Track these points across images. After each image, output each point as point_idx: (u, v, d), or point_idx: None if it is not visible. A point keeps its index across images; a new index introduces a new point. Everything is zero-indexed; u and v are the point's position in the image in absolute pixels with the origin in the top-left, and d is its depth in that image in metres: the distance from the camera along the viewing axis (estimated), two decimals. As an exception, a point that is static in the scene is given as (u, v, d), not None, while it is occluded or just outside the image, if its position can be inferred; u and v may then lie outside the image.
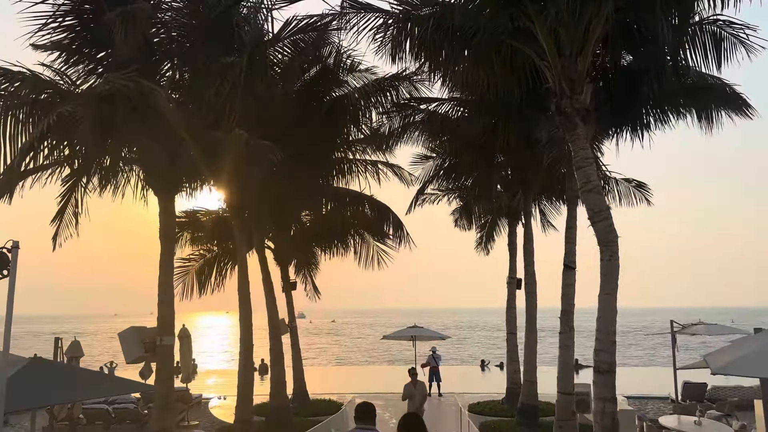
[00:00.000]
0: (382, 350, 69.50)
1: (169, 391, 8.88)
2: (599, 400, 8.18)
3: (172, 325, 9.17)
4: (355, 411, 6.26)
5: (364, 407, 6.18)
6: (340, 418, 14.14)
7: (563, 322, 12.01)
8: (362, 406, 6.19)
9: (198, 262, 18.67)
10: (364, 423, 6.09)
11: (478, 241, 22.13)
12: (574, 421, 11.61)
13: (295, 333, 19.58)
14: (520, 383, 18.64)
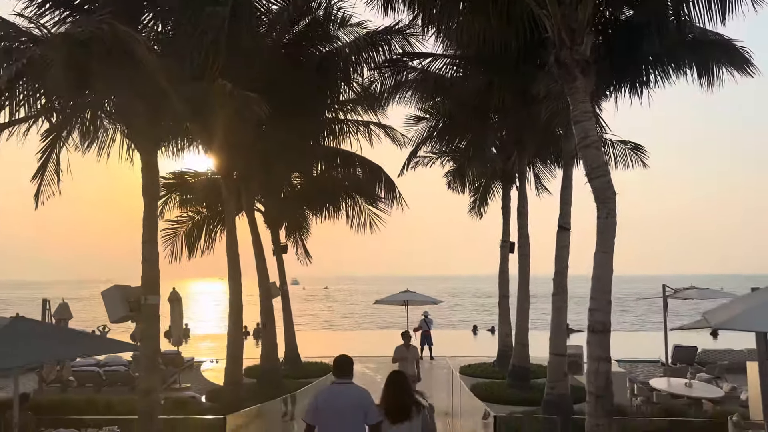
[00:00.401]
0: (374, 315, 69.95)
1: (155, 351, 8.69)
2: (593, 360, 8.04)
3: (157, 284, 8.93)
4: (333, 364, 6.09)
5: (340, 360, 6.02)
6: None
7: (556, 283, 11.86)
8: (339, 360, 6.03)
9: (186, 224, 18.38)
10: (340, 377, 5.96)
11: (472, 205, 21.91)
12: (566, 382, 11.56)
13: (286, 297, 19.45)
14: (511, 346, 18.65)
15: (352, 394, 5.85)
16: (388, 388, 6.00)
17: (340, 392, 5.90)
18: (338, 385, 5.95)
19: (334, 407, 5.79)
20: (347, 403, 5.79)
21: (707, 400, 14.27)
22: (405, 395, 5.90)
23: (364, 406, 5.76)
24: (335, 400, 5.86)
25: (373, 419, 5.73)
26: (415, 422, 5.77)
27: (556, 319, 11.68)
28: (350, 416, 5.73)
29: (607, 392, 7.90)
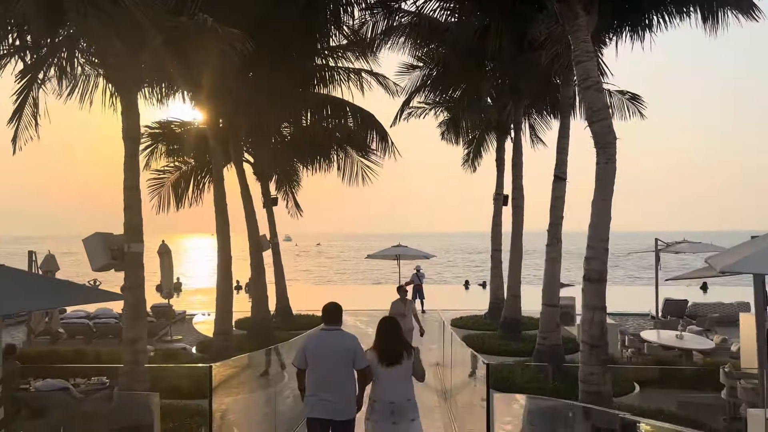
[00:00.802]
0: (366, 271, 70.35)
1: (140, 300, 8.45)
2: (588, 309, 7.89)
3: (140, 231, 8.62)
4: (321, 311, 6.17)
5: (329, 307, 6.14)
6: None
7: (551, 234, 11.64)
8: (327, 307, 6.15)
9: (174, 175, 17.95)
10: (329, 324, 6.07)
11: (465, 158, 21.54)
12: (558, 333, 11.48)
13: (277, 250, 19.23)
14: (503, 299, 18.64)
15: (340, 340, 5.95)
16: (380, 334, 6.11)
17: (328, 338, 6.00)
18: (327, 332, 6.05)
19: (322, 352, 5.90)
20: (336, 348, 5.89)
21: (698, 352, 14.33)
22: (396, 340, 6.02)
23: (352, 351, 5.87)
24: (324, 345, 5.96)
25: (360, 364, 5.86)
26: (406, 365, 5.90)
27: (550, 270, 11.50)
28: (339, 361, 5.84)
29: (601, 342, 7.78)
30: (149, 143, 18.00)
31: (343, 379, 5.87)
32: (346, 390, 5.88)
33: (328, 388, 5.82)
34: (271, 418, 9.78)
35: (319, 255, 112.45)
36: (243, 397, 10.23)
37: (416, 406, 6.04)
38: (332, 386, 5.83)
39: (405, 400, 5.87)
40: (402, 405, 5.83)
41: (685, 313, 21.85)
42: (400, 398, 5.84)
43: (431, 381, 14.07)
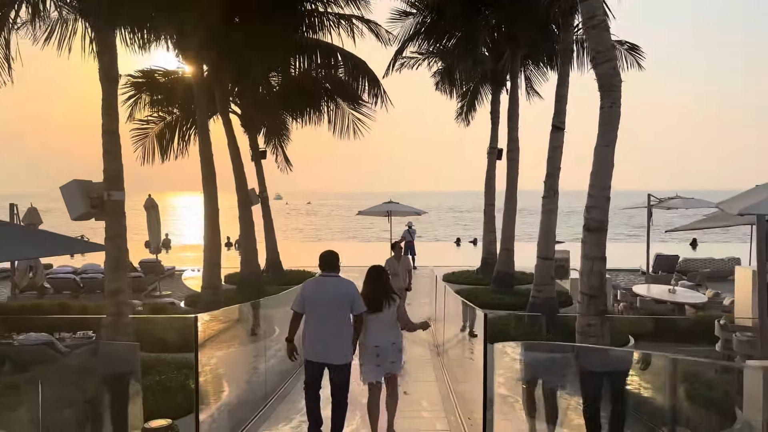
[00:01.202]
0: (358, 229, 70.22)
1: (122, 250, 8.10)
2: (587, 259, 7.63)
3: (121, 178, 8.20)
4: (319, 259, 6.29)
5: (326, 255, 6.29)
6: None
7: (547, 186, 11.32)
8: (325, 254, 6.30)
9: (158, 125, 17.36)
10: (327, 271, 6.23)
11: (459, 111, 21.04)
12: (552, 286, 11.28)
13: (266, 203, 18.83)
14: (495, 254, 18.49)
15: (338, 285, 6.11)
16: (366, 282, 6.47)
17: (326, 283, 6.16)
18: (325, 277, 6.20)
19: (320, 297, 6.05)
20: (334, 293, 6.04)
21: (690, 306, 14.29)
22: (379, 289, 6.34)
23: (350, 296, 6.03)
24: (322, 290, 6.10)
25: (358, 309, 6.05)
26: (388, 312, 6.28)
27: (546, 222, 11.21)
28: (336, 306, 5.99)
29: (600, 292, 7.56)
30: (132, 93, 17.38)
31: (340, 323, 6.01)
32: (343, 334, 6.03)
33: (325, 332, 5.98)
34: (261, 372, 9.60)
35: (310, 213, 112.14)
36: (232, 350, 10.02)
37: (401, 349, 6.46)
38: (330, 330, 5.98)
39: (390, 344, 6.29)
40: (387, 348, 6.25)
41: (676, 268, 21.86)
42: (385, 342, 6.25)
43: (423, 335, 13.98)
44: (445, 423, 7.58)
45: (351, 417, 7.76)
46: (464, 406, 8.30)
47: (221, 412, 8.07)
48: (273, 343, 12.07)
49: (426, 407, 8.29)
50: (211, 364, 8.77)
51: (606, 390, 7.31)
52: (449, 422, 7.60)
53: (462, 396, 8.78)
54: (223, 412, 8.08)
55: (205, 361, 9.21)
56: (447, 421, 7.66)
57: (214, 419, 7.78)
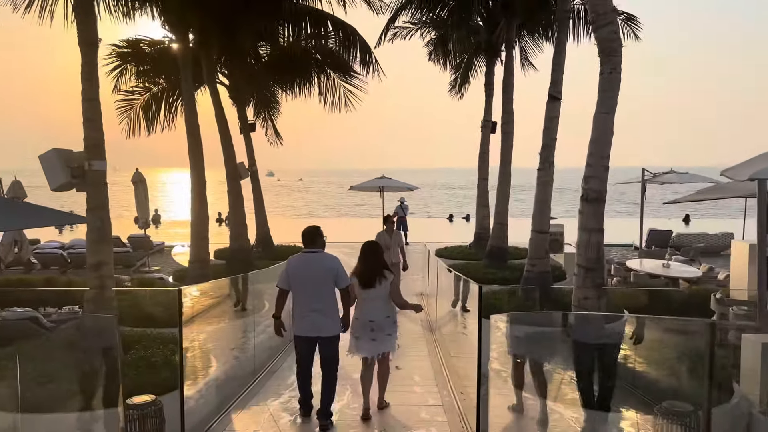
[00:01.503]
0: (350, 205, 69.90)
1: (104, 221, 7.78)
2: (585, 231, 7.40)
3: (102, 147, 7.87)
4: (301, 236, 6.39)
5: (308, 231, 6.40)
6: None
7: (543, 157, 11.05)
8: (306, 230, 6.41)
9: (143, 96, 16.87)
10: (309, 246, 6.32)
11: (452, 84, 20.62)
12: (547, 260, 11.09)
13: (255, 177, 18.47)
14: (488, 229, 18.29)
15: (321, 261, 6.21)
16: (360, 258, 6.61)
17: (310, 259, 6.23)
18: (308, 254, 6.28)
19: (304, 273, 6.14)
20: (317, 268, 6.13)
21: (684, 281, 14.19)
22: (371, 265, 6.47)
23: (333, 271, 6.13)
24: (306, 266, 6.19)
25: (342, 284, 6.17)
26: (381, 287, 6.39)
27: (541, 194, 10.96)
28: (321, 281, 6.09)
29: (598, 265, 7.34)
30: (117, 63, 16.86)
31: (326, 297, 6.11)
32: (330, 308, 6.14)
33: (312, 307, 6.07)
34: (250, 347, 9.41)
35: (302, 190, 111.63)
36: (220, 324, 9.81)
37: (395, 323, 6.58)
38: (316, 305, 6.07)
39: (384, 317, 6.42)
40: (381, 322, 6.39)
41: (669, 243, 21.82)
42: (379, 316, 6.39)
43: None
44: (437, 398, 7.44)
45: (341, 391, 7.60)
46: (457, 382, 8.15)
47: (209, 387, 7.90)
48: (262, 318, 11.86)
49: (418, 382, 8.14)
50: (199, 339, 8.57)
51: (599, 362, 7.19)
52: (441, 397, 7.46)
53: (455, 371, 8.64)
54: (210, 387, 7.90)
55: (191, 335, 9.03)
56: (439, 395, 7.52)
57: (201, 394, 7.60)
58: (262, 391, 8.04)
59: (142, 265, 20.38)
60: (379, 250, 6.73)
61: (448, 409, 7.01)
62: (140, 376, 7.01)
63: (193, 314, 10.14)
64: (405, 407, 7.08)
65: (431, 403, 7.27)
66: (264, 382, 8.50)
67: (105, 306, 7.68)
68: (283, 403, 7.41)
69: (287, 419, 6.75)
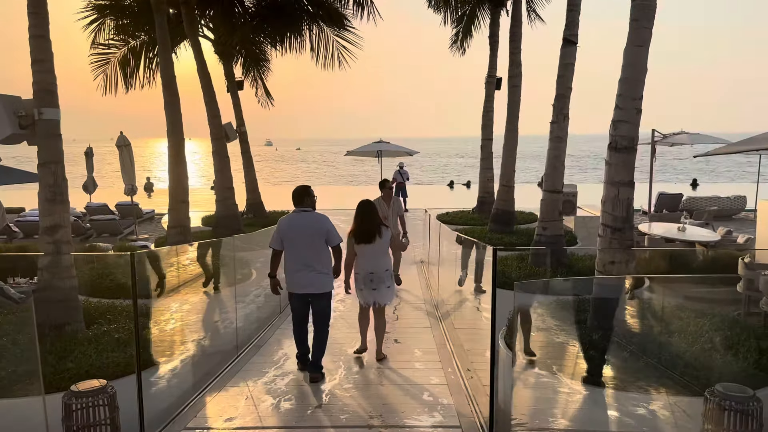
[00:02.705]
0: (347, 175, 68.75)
1: (59, 178, 6.76)
2: (612, 185, 6.41)
3: (54, 92, 6.80)
4: (292, 196, 6.42)
5: (297, 190, 6.42)
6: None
7: (557, 109, 9.96)
8: (296, 190, 6.43)
9: (120, 50, 15.61)
10: (299, 206, 6.36)
11: (454, 39, 19.29)
12: (560, 223, 10.08)
13: (244, 139, 17.35)
14: (493, 192, 17.30)
15: (312, 220, 6.27)
16: (356, 216, 6.79)
17: (300, 218, 6.28)
18: (299, 213, 6.32)
19: (296, 232, 6.21)
20: (308, 227, 6.21)
21: (701, 245, 13.28)
22: (369, 222, 6.70)
23: (324, 229, 6.22)
24: (297, 225, 6.24)
25: (333, 241, 6.26)
26: (380, 242, 6.70)
27: (554, 150, 9.89)
28: (312, 240, 6.18)
29: (626, 224, 6.38)
30: (95, 17, 15.61)
31: (318, 255, 6.21)
32: (321, 266, 6.23)
33: (304, 265, 6.19)
34: (232, 320, 8.47)
35: (300, 159, 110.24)
36: (197, 295, 8.90)
37: (392, 275, 6.97)
38: (308, 263, 6.18)
39: (383, 270, 6.77)
40: (380, 275, 6.75)
41: (679, 207, 20.85)
42: (379, 269, 6.73)
43: (416, 280, 12.92)
44: (441, 375, 6.54)
45: (334, 369, 6.76)
46: (463, 357, 7.25)
47: (185, 365, 6.98)
48: (251, 288, 10.93)
49: (419, 357, 7.24)
50: (172, 311, 7.65)
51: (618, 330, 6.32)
52: (446, 375, 6.56)
53: (459, 345, 7.74)
54: (186, 365, 6.97)
55: (165, 306, 8.11)
56: (443, 373, 6.62)
57: (173, 374, 6.69)
58: (243, 369, 7.15)
59: (130, 233, 19.59)
60: (374, 207, 6.89)
61: (455, 390, 6.11)
62: (101, 355, 6.08)
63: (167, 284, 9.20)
64: (405, 387, 6.19)
65: (435, 382, 6.37)
66: (248, 357, 7.60)
67: (62, 276, 6.71)
68: (266, 383, 6.52)
69: (269, 403, 5.85)
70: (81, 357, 6.01)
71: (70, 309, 6.76)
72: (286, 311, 10.16)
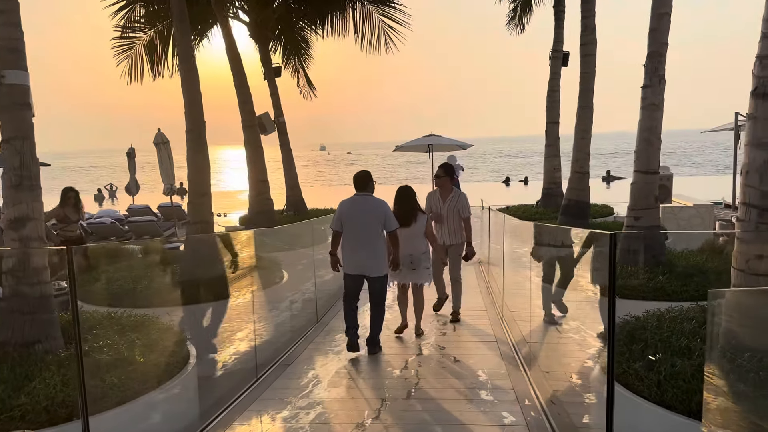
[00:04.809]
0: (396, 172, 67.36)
1: (26, 155, 5.35)
2: (759, 148, 4.52)
3: (21, 51, 5.40)
4: (353, 180, 6.60)
5: (359, 175, 6.61)
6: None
7: (650, 70, 7.97)
8: (357, 175, 6.61)
9: (146, 34, 14.39)
10: (360, 191, 6.55)
11: (511, 15, 17.37)
12: (657, 211, 8.08)
13: (284, 130, 15.93)
14: (559, 182, 15.33)
15: (371, 204, 6.47)
16: (395, 201, 7.01)
17: (360, 202, 6.49)
18: (359, 197, 6.53)
19: (355, 215, 6.43)
20: (367, 211, 6.42)
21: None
22: (407, 206, 6.98)
23: (382, 214, 6.40)
24: (356, 208, 6.46)
25: (390, 227, 6.45)
26: (417, 225, 6.98)
27: (647, 121, 7.89)
28: (369, 223, 6.39)
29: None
30: (124, 3, 14.54)
31: (375, 239, 6.43)
32: (378, 249, 6.47)
33: (361, 248, 6.43)
34: (251, 336, 6.92)
35: (351, 162, 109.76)
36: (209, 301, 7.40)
37: (429, 257, 7.20)
38: (365, 245, 6.41)
39: (420, 252, 7.03)
40: (418, 256, 7.01)
41: None
42: (416, 251, 6.99)
43: (474, 282, 11.18)
44: (517, 413, 4.80)
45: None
46: (543, 386, 5.48)
47: (182, 394, 5.44)
48: (286, 293, 9.40)
49: (484, 384, 5.51)
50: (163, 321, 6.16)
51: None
52: (524, 415, 4.80)
53: (541, 371, 5.97)
54: (185, 394, 5.44)
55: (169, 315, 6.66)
56: (521, 412, 4.87)
57: (168, 406, 5.17)
58: (262, 396, 5.61)
59: (171, 235, 18.65)
60: (412, 193, 7.10)
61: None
62: (67, 386, 4.60)
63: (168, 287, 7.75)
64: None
65: (507, 422, 4.64)
66: (269, 381, 6.06)
67: (31, 279, 5.31)
68: (286, 419, 4.95)
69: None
70: (42, 388, 4.55)
71: (42, 322, 5.35)
72: (322, 321, 8.64)
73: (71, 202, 9.51)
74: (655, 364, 4.33)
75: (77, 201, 9.60)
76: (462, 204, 7.79)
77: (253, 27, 15.00)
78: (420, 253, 7.02)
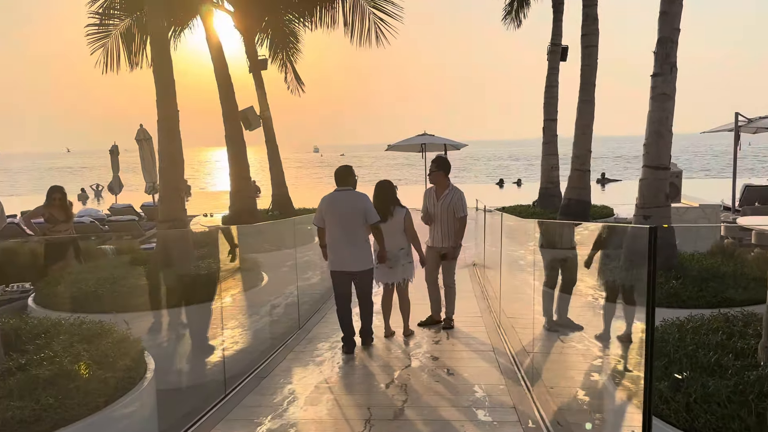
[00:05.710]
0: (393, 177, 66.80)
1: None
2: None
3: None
4: (334, 176, 6.50)
5: (339, 170, 6.49)
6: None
7: (661, 57, 7.33)
8: (338, 170, 6.51)
9: (123, 22, 13.62)
10: (341, 185, 6.44)
11: (507, 9, 16.76)
12: (668, 210, 7.45)
13: (269, 125, 15.22)
14: (557, 182, 14.76)
15: (352, 198, 6.37)
16: (373, 196, 6.79)
17: (341, 197, 6.39)
18: (339, 191, 6.43)
19: (336, 209, 6.35)
20: (348, 205, 6.32)
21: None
22: (385, 201, 6.80)
23: (363, 208, 6.31)
24: (337, 203, 6.37)
25: (371, 219, 6.36)
26: (395, 221, 6.80)
27: (657, 112, 7.26)
28: (351, 217, 6.31)
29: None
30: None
31: (357, 233, 6.35)
32: (361, 243, 6.40)
33: (344, 242, 6.34)
34: (220, 345, 6.21)
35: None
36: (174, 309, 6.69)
37: (409, 253, 6.94)
38: (348, 240, 6.33)
39: (398, 249, 6.84)
40: (396, 253, 6.81)
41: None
42: (394, 248, 6.79)
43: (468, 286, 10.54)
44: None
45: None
46: (548, 406, 4.82)
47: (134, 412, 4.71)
48: (266, 297, 8.68)
49: (480, 402, 4.84)
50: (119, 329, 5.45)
51: None
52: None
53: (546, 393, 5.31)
54: (136, 413, 4.71)
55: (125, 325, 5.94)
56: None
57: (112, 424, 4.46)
58: (229, 416, 4.94)
59: (152, 235, 17.99)
60: (390, 187, 6.89)
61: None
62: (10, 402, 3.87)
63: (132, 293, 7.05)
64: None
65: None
66: (240, 398, 5.37)
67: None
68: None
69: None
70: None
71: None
72: (305, 327, 7.97)
73: (56, 203, 8.84)
74: (682, 384, 3.68)
75: (63, 201, 8.91)
76: (457, 202, 7.08)
77: (237, 17, 14.29)
78: (397, 249, 6.82)
